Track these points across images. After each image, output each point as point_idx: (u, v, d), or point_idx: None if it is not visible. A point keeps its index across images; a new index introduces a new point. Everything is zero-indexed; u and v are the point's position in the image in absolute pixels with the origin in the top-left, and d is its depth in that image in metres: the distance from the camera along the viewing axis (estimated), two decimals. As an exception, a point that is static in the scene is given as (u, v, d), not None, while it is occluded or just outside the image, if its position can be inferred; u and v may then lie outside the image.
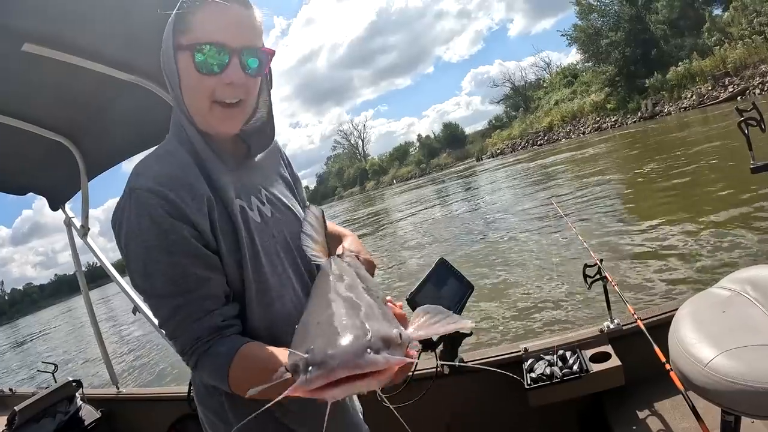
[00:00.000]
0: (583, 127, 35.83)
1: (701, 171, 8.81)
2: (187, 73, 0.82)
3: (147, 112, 2.05)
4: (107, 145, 2.36)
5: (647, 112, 29.19)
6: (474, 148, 59.91)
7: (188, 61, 0.80)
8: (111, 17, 1.44)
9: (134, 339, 11.59)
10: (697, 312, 1.31)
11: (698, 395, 1.11)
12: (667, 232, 5.77)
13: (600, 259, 1.97)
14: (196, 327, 0.80)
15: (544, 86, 50.21)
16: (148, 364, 8.44)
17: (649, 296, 4.13)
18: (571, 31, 36.30)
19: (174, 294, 0.79)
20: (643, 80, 29.93)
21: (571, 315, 4.26)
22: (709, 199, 6.60)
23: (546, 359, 1.87)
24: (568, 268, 5.45)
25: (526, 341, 2.07)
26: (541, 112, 44.54)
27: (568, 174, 14.89)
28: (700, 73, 26.18)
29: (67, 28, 1.44)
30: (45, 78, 1.66)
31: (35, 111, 1.93)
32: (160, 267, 0.78)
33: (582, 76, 40.93)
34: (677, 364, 1.20)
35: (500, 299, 5.25)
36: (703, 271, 4.35)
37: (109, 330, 14.74)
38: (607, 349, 1.86)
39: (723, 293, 1.35)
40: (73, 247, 2.79)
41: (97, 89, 1.82)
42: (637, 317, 1.74)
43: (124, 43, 1.60)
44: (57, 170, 2.43)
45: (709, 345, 1.12)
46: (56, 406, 2.86)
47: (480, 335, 4.33)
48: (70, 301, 65.13)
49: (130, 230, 0.79)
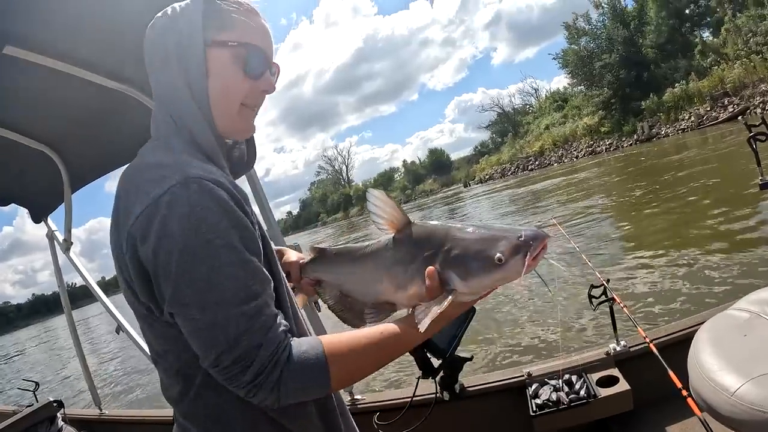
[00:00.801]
0: (576, 150, 35.54)
1: (703, 191, 8.80)
2: (225, 71, 0.77)
3: (135, 123, 1.99)
4: (92, 156, 2.29)
5: (643, 134, 29.13)
6: (460, 174, 60.24)
7: (229, 58, 0.76)
8: (100, 24, 1.39)
9: (113, 360, 11.28)
10: (717, 335, 1.27)
11: (720, 423, 1.07)
12: (667, 254, 5.72)
13: (606, 280, 1.91)
14: (272, 336, 0.67)
15: (532, 112, 50.53)
16: (129, 387, 8.18)
17: (652, 317, 4.06)
18: (560, 54, 37.00)
19: (246, 300, 0.65)
20: (638, 102, 30.13)
21: (572, 337, 4.17)
22: (712, 220, 6.55)
23: (551, 384, 1.80)
24: (570, 290, 5.39)
25: (529, 365, 2.00)
26: (531, 136, 44.48)
27: (562, 197, 14.89)
28: (698, 94, 26.24)
29: (54, 32, 1.38)
30: (28, 84, 1.59)
31: (17, 119, 1.85)
32: (231, 270, 0.65)
33: (572, 100, 41.21)
34: (698, 390, 1.15)
35: (500, 322, 5.16)
36: (710, 291, 4.29)
37: (87, 351, 14.31)
38: (614, 372, 1.80)
39: (742, 315, 1.31)
40: (55, 261, 2.68)
41: (84, 98, 1.75)
42: (649, 339, 1.67)
43: (113, 51, 1.55)
44: (40, 181, 2.35)
45: (734, 372, 1.08)
46: (37, 427, 2.75)
47: (481, 359, 4.22)
48: (48, 322, 62.89)
49: (187, 228, 0.63)
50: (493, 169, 48.59)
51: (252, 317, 0.65)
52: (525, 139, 45.50)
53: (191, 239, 0.63)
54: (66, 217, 2.52)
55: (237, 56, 0.77)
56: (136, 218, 0.65)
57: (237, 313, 0.64)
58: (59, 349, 19.79)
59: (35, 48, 1.40)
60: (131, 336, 2.46)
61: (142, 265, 0.66)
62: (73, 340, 2.77)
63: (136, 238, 0.65)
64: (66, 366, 12.89)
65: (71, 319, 2.76)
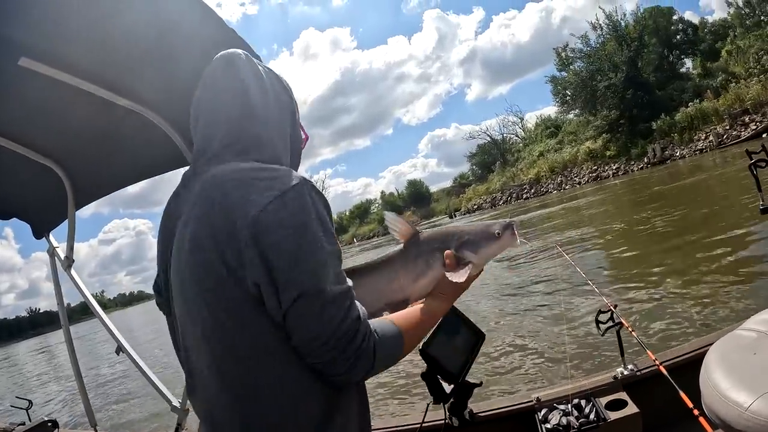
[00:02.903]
0: (577, 176, 34.13)
1: (713, 214, 8.79)
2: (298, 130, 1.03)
3: (144, 143, 1.98)
4: (99, 174, 2.27)
5: (656, 157, 27.75)
6: (440, 206, 59.19)
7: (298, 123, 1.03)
8: (115, 41, 1.38)
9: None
10: (727, 355, 1.29)
11: None
12: (674, 277, 5.71)
13: (614, 305, 1.92)
14: (362, 310, 0.80)
15: (518, 141, 49.88)
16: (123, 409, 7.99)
17: (660, 339, 4.02)
18: (548, 78, 36.58)
19: (344, 281, 0.79)
20: (646, 124, 28.96)
21: (580, 362, 4.12)
22: (719, 245, 6.55)
23: (560, 408, 1.78)
24: (575, 313, 5.35)
25: (537, 390, 1.98)
26: (523, 164, 43.09)
27: (563, 223, 14.85)
28: (714, 113, 25.34)
29: (69, 46, 1.38)
30: (40, 97, 1.57)
31: (26, 131, 1.82)
32: (337, 256, 0.79)
33: (566, 126, 40.45)
34: (712, 408, 1.17)
35: (508, 347, 5.09)
36: (715, 313, 4.27)
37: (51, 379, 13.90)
38: (623, 395, 1.79)
39: (750, 335, 1.33)
40: (55, 278, 2.63)
41: (94, 114, 1.74)
42: (659, 362, 1.66)
43: (126, 69, 1.54)
44: (44, 196, 2.32)
45: (747, 388, 1.10)
46: (31, 446, 2.65)
47: (490, 385, 4.15)
48: (8, 348, 59.41)
49: (310, 219, 0.76)
50: (482, 198, 46.54)
51: (349, 296, 0.78)
52: (517, 166, 44.05)
53: (314, 229, 0.76)
54: (69, 233, 2.49)
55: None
56: (261, 210, 0.73)
57: (344, 291, 0.77)
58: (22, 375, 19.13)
59: (50, 61, 1.40)
60: (131, 356, 2.41)
61: (264, 252, 0.72)
62: (71, 358, 2.70)
63: (265, 226, 0.73)
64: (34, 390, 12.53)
65: (69, 337, 2.69)
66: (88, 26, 1.31)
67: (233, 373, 0.76)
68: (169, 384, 2.60)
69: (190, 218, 0.79)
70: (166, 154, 2.03)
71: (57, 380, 13.30)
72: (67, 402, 9.27)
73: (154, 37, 1.36)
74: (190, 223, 0.79)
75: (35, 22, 1.24)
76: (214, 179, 0.80)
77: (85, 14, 1.25)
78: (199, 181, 0.84)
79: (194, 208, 0.79)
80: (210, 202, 0.77)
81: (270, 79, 0.97)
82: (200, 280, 0.76)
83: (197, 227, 0.77)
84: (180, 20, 1.30)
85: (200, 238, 0.76)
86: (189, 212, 0.80)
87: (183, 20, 1.30)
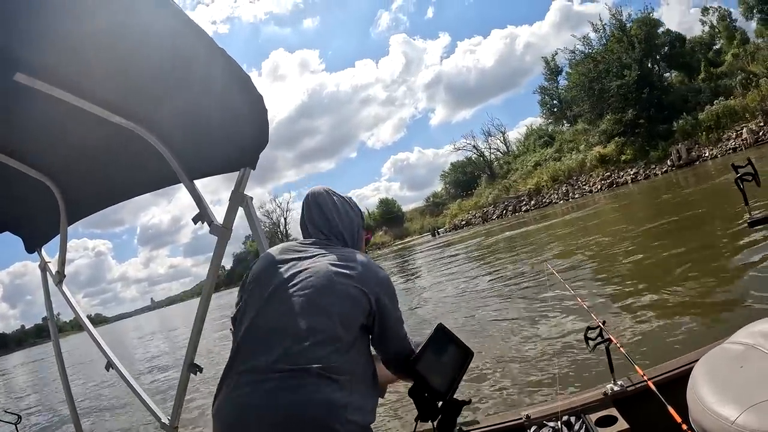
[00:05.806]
0: (588, 185, 31.83)
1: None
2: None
3: (137, 161, 1.97)
4: (92, 190, 2.27)
5: (680, 159, 26.13)
6: (414, 226, 58.42)
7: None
8: (112, 59, 1.39)
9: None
10: (714, 369, 1.29)
11: None
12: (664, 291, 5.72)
13: (603, 321, 1.93)
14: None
15: (499, 155, 49.23)
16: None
17: (649, 355, 4.01)
18: (538, 90, 35.90)
19: None
20: (664, 125, 27.48)
21: (569, 378, 4.10)
22: (712, 257, 6.58)
23: (550, 426, 1.78)
24: (562, 329, 5.33)
25: (527, 408, 1.97)
26: (516, 175, 41.29)
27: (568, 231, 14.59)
28: (743, 110, 24.42)
29: (65, 63, 1.39)
30: (34, 113, 1.59)
31: (19, 146, 1.84)
32: None
33: (561, 134, 39.15)
34: (699, 422, 1.16)
35: (496, 365, 5.06)
36: (706, 326, 4.28)
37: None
38: (612, 412, 1.79)
39: (737, 348, 1.33)
40: (46, 293, 2.62)
41: (88, 131, 1.74)
42: (647, 378, 1.66)
43: (122, 87, 1.54)
44: (37, 211, 2.32)
45: (733, 401, 1.11)
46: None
47: (479, 403, 4.11)
48: None
49: (394, 291, 1.39)
50: (470, 214, 44.35)
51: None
52: (509, 178, 42.11)
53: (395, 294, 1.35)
54: (61, 249, 2.48)
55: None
56: (377, 283, 1.28)
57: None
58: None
59: (45, 77, 1.41)
60: (120, 372, 2.39)
61: (378, 303, 1.27)
62: (60, 373, 2.67)
63: (380, 293, 1.28)
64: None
65: (59, 350, 2.67)
66: (84, 43, 1.32)
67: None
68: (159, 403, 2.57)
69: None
70: (159, 172, 2.04)
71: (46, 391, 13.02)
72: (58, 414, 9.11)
73: (148, 55, 1.38)
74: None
75: (31, 37, 1.25)
76: (362, 259, 1.35)
77: (80, 31, 1.26)
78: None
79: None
80: (360, 271, 1.31)
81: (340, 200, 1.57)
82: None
83: (347, 287, 1.27)
84: (174, 42, 1.30)
85: (346, 289, 1.27)
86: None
87: (178, 42, 1.30)
